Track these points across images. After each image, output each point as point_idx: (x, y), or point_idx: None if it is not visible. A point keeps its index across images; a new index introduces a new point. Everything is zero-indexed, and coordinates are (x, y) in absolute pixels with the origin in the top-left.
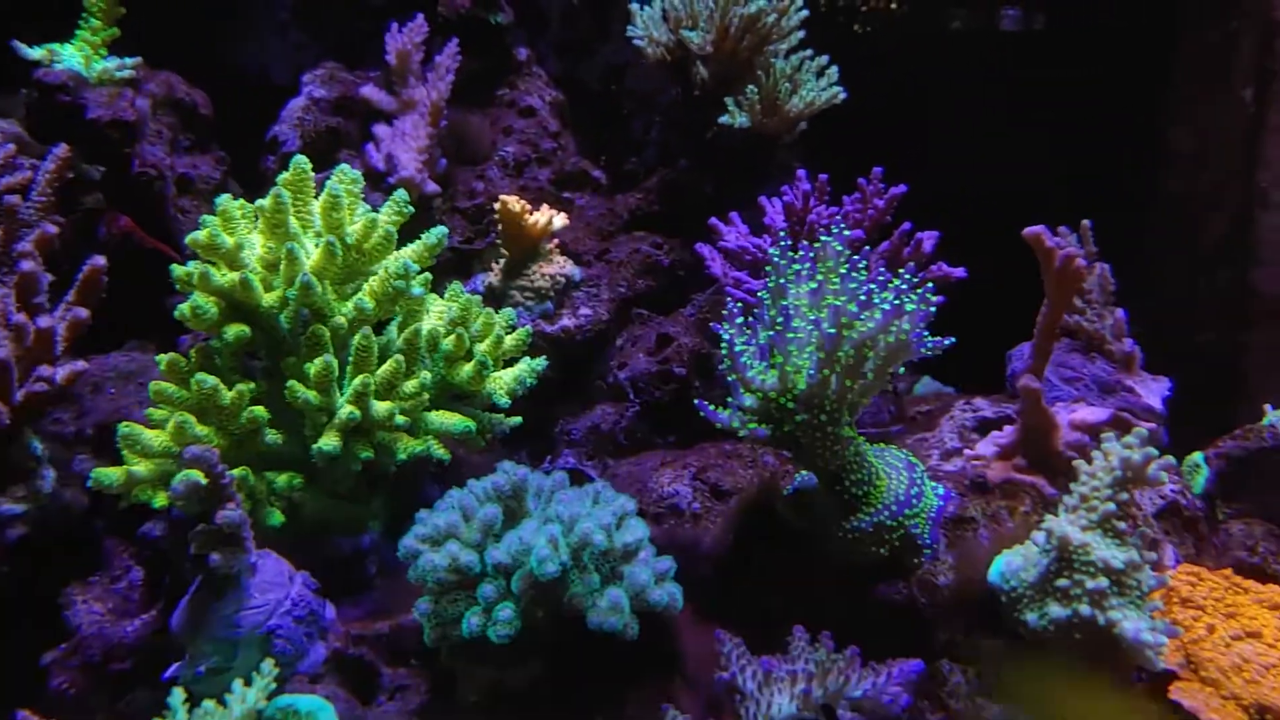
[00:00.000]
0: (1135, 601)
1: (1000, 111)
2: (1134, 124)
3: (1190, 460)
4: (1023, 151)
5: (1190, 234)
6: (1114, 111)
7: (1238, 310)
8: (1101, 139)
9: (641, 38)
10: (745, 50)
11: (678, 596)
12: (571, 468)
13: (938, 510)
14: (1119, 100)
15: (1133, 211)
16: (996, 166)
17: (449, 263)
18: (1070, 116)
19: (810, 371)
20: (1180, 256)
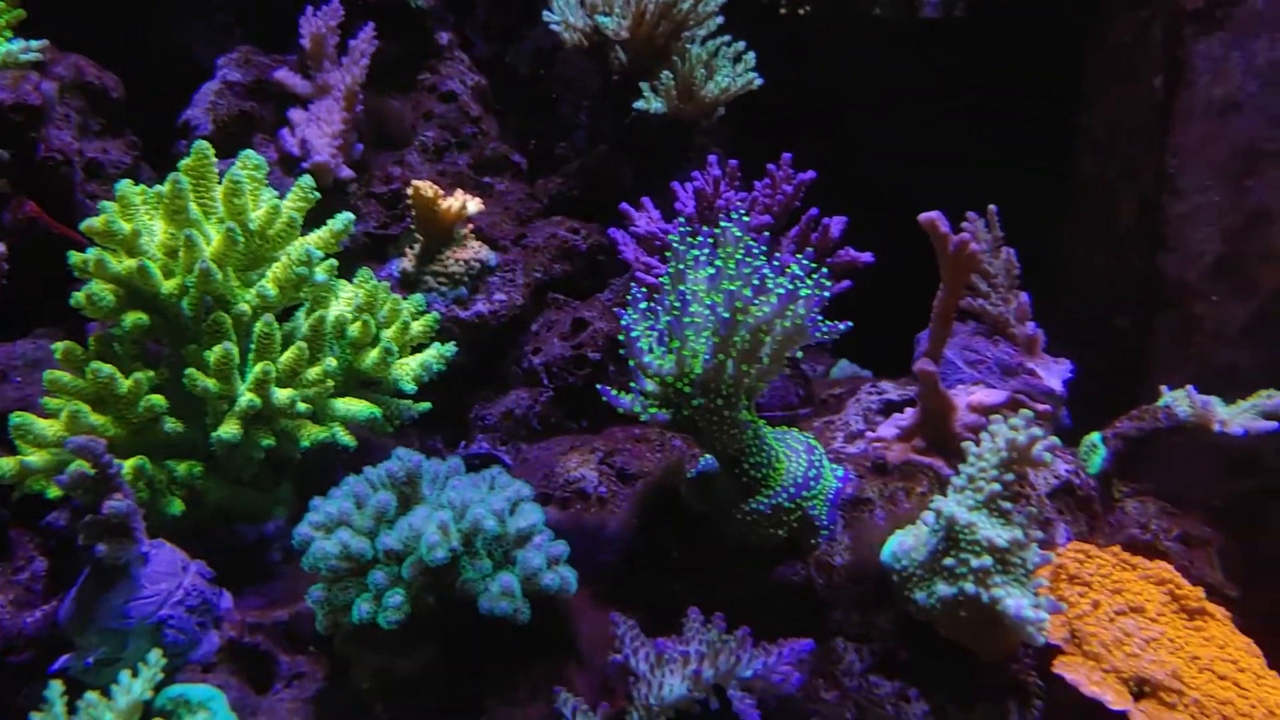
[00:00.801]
0: (1019, 579)
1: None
2: (1053, 110)
3: (1088, 441)
4: (944, 137)
5: (1103, 218)
6: (1033, 98)
7: (1147, 294)
8: (1021, 125)
9: (558, 23)
10: (661, 36)
11: (571, 580)
12: (484, 453)
13: (836, 492)
14: (1038, 86)
15: (1051, 196)
16: (917, 152)
17: (364, 248)
18: (990, 102)
19: (706, 356)
20: (1094, 240)
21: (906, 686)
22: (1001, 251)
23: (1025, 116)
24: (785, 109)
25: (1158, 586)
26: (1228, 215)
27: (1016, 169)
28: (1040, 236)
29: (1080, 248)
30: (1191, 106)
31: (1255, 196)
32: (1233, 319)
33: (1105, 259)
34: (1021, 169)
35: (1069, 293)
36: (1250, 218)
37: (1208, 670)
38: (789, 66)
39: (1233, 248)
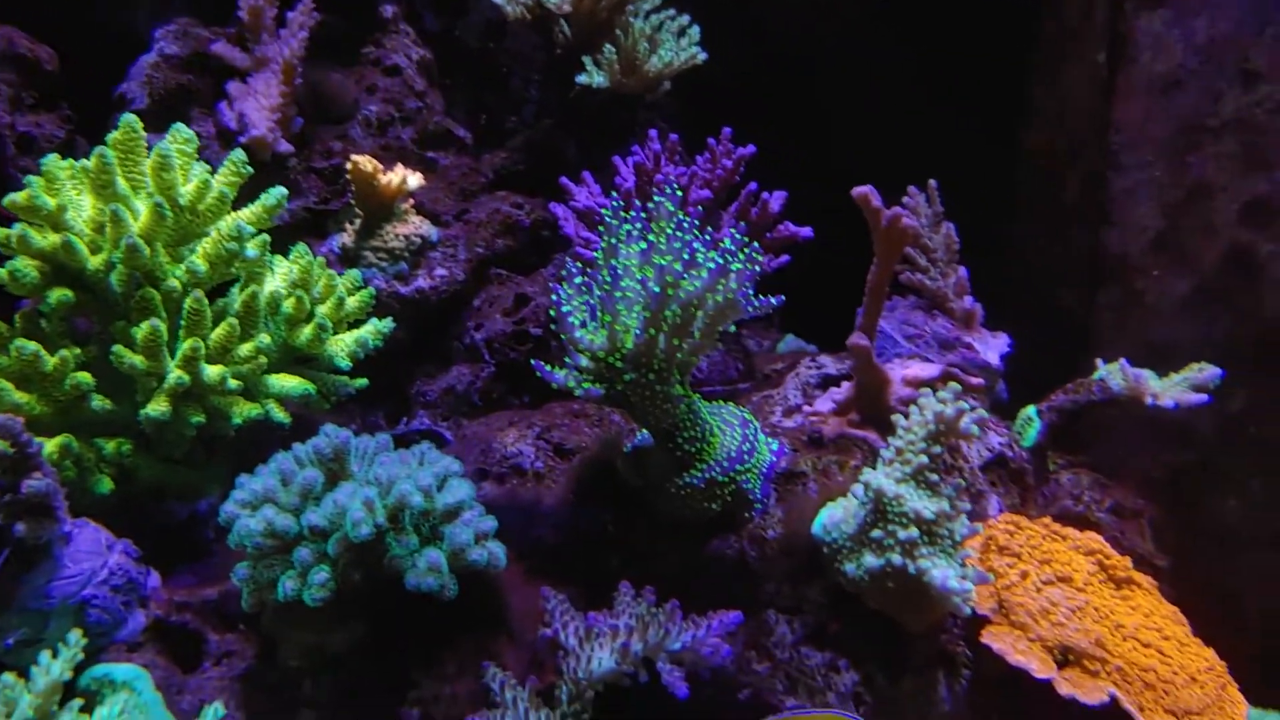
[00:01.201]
0: (947, 550)
1: (874, 74)
2: (1004, 86)
3: (1024, 414)
4: (896, 112)
5: (1049, 194)
6: (984, 74)
7: (1090, 269)
8: (972, 101)
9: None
10: (604, 10)
11: (500, 555)
12: (425, 429)
13: (769, 465)
14: (989, 62)
15: (1001, 171)
16: (869, 127)
17: (304, 223)
18: (941, 78)
19: (637, 331)
20: (1041, 215)
21: (837, 657)
22: (941, 226)
23: (976, 92)
24: (737, 83)
25: (1087, 557)
26: (1169, 191)
27: (967, 145)
28: (990, 212)
29: (1027, 223)
30: (1134, 83)
31: (1195, 172)
32: (1173, 293)
33: (1050, 234)
34: (972, 145)
35: (1016, 267)
36: (1190, 193)
37: (1132, 638)
38: (740, 41)
39: (1173, 223)
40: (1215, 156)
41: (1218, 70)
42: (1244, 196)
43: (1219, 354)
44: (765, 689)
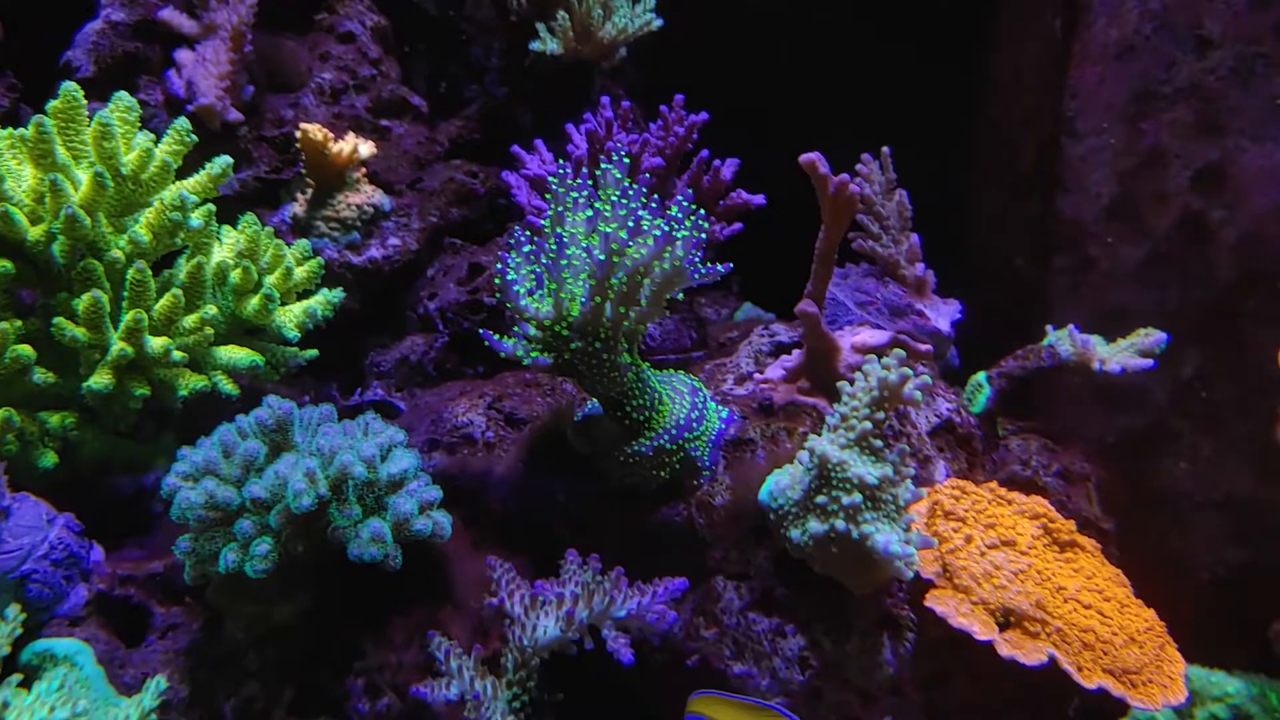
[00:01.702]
0: (890, 515)
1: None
2: (962, 51)
3: (974, 380)
4: (855, 78)
5: (1006, 160)
6: (942, 39)
7: (1045, 235)
8: (931, 66)
9: None
10: None
11: (445, 525)
12: (378, 399)
13: (718, 433)
14: (947, 26)
15: (962, 137)
16: (831, 91)
17: (256, 192)
18: (903, 41)
19: (583, 299)
20: (997, 181)
21: (784, 622)
22: (894, 193)
23: (935, 58)
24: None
25: (1032, 520)
26: (1123, 157)
27: (929, 110)
28: (951, 178)
29: (984, 189)
30: (1089, 49)
31: (1149, 139)
32: (1127, 259)
33: (1007, 200)
34: (934, 110)
35: (973, 233)
36: (1144, 160)
37: (1073, 600)
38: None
39: (1127, 189)
40: (1169, 123)
41: (1172, 37)
42: (1196, 163)
43: (1172, 319)
44: (712, 655)
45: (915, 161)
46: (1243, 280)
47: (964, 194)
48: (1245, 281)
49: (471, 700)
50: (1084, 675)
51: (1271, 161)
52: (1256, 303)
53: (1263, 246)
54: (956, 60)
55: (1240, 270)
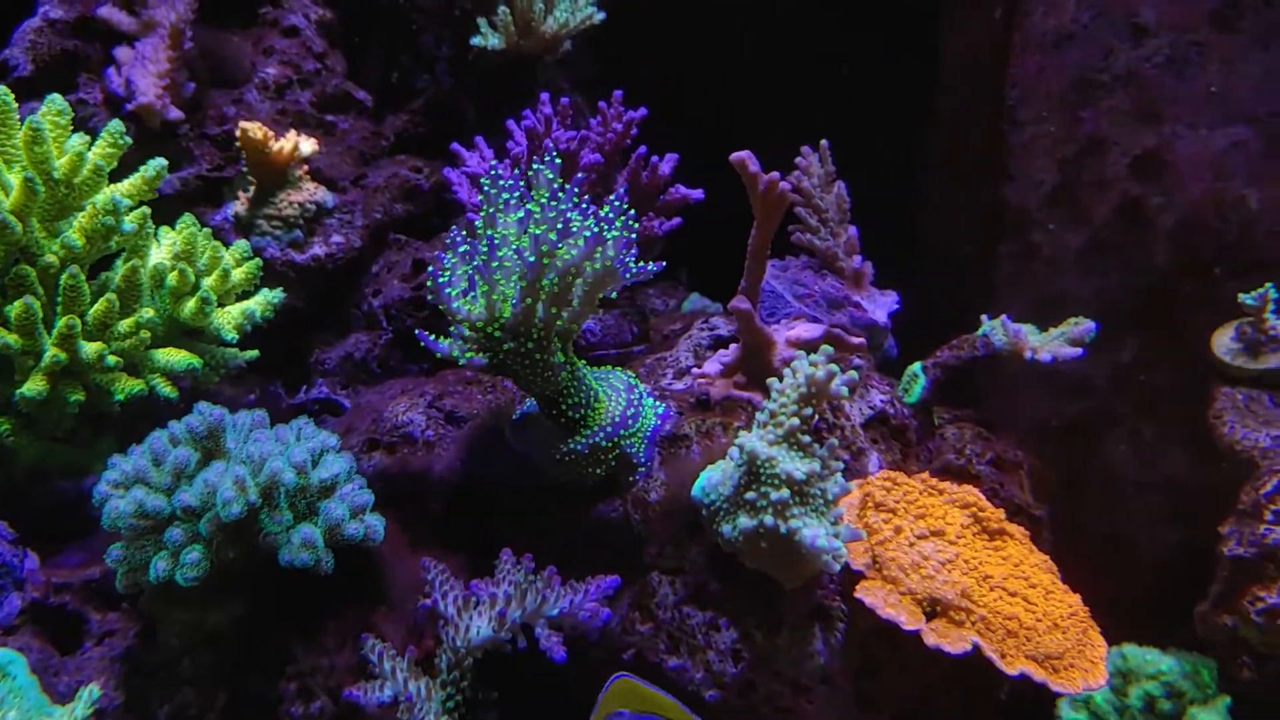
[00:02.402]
0: (819, 510)
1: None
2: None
3: (910, 370)
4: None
5: (954, 148)
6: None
7: (990, 222)
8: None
9: None
10: None
11: (378, 528)
12: (323, 398)
13: (654, 429)
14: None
15: (915, 124)
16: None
17: (198, 191)
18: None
19: (514, 300)
20: (946, 168)
21: (717, 616)
22: (834, 186)
23: (895, 46)
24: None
25: (962, 510)
26: (1063, 145)
27: (883, 98)
28: (903, 165)
29: (934, 176)
30: (1028, 37)
31: (1088, 126)
32: (1068, 246)
33: (954, 188)
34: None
35: (924, 221)
36: (1084, 147)
37: (999, 588)
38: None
39: (1068, 176)
40: (1107, 111)
41: (1108, 25)
42: (1134, 150)
43: (1112, 305)
44: (648, 649)
45: (876, 150)
46: (1180, 266)
47: (915, 181)
48: (1182, 267)
49: (405, 702)
50: (1007, 662)
51: (1207, 148)
52: (1193, 288)
53: (1199, 232)
54: (914, 48)
55: (1177, 256)
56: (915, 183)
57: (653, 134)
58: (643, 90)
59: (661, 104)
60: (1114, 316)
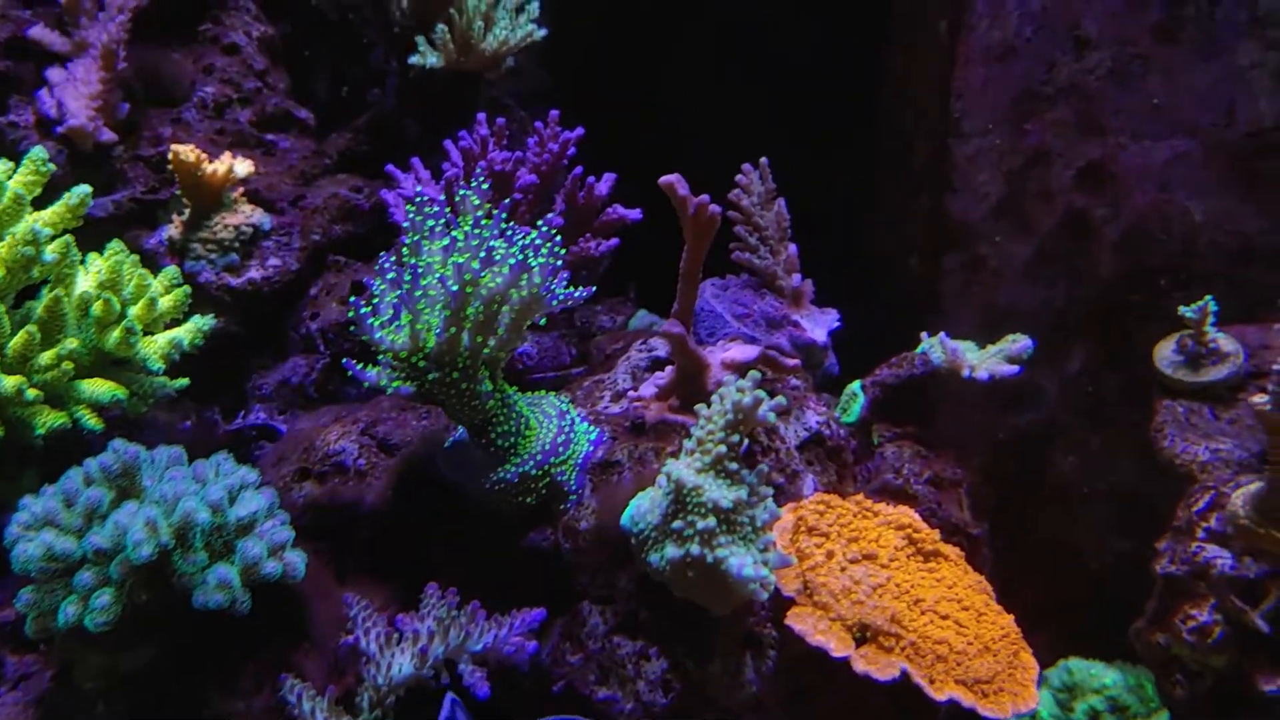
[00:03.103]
0: (747, 537)
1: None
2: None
3: (849, 389)
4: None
5: (901, 160)
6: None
7: (937, 234)
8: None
9: None
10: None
11: (298, 565)
12: (259, 424)
13: (585, 456)
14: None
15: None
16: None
17: (132, 214)
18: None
19: (438, 330)
20: (894, 181)
21: (647, 645)
22: (774, 204)
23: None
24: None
25: (897, 531)
26: (1008, 157)
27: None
28: (854, 178)
29: (883, 189)
30: (972, 50)
31: (1032, 139)
32: (1014, 258)
33: (902, 200)
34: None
35: (873, 233)
36: (1029, 159)
37: (930, 611)
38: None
39: (1013, 189)
40: (1051, 123)
41: (1051, 38)
42: (1079, 162)
43: (1059, 316)
44: (578, 680)
45: (829, 162)
46: (1126, 277)
47: (865, 193)
48: (1128, 278)
49: None
50: (935, 688)
51: (1150, 159)
52: (1140, 298)
53: (1144, 243)
54: (866, 60)
55: (1123, 267)
56: (866, 196)
57: (608, 147)
58: (600, 103)
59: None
60: (1061, 328)
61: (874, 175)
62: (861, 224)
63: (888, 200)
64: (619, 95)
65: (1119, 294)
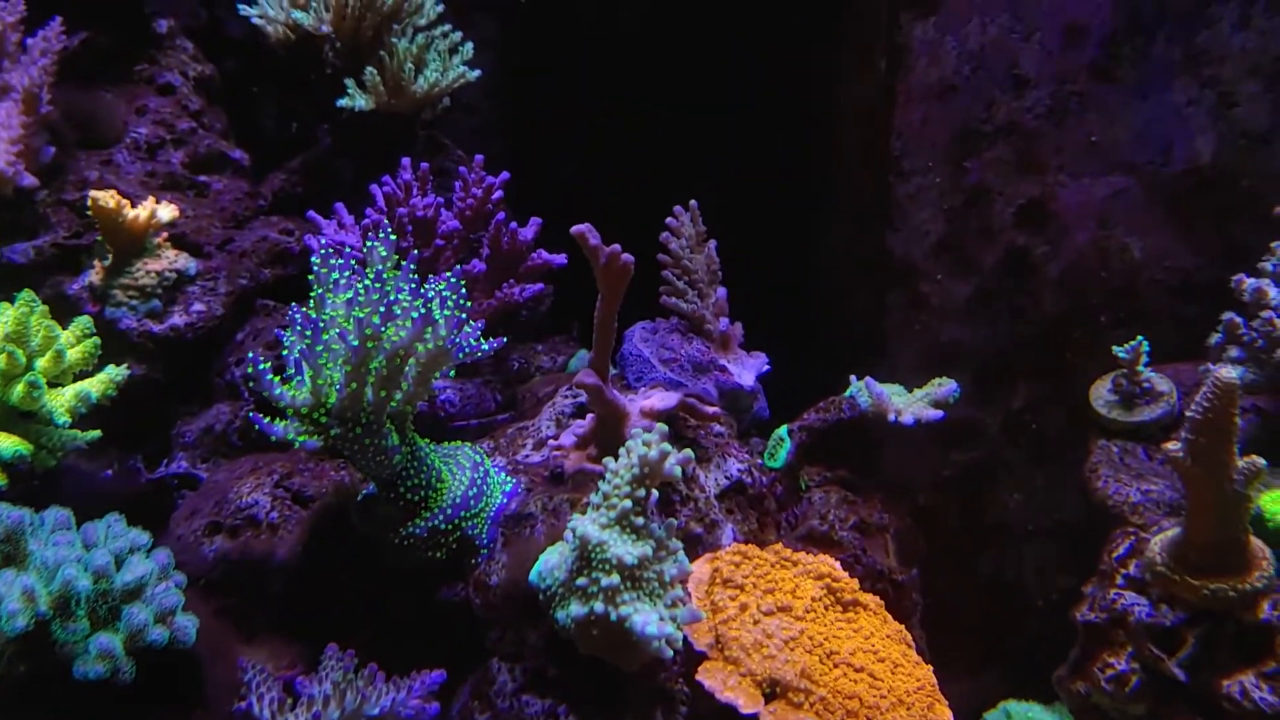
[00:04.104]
0: (654, 593)
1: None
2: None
3: (776, 434)
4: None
5: (846, 198)
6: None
7: (880, 272)
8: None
9: (258, 17)
10: (369, 29)
11: (189, 630)
12: (182, 472)
13: (498, 508)
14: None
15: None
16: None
17: (54, 259)
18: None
19: (339, 386)
20: (841, 219)
21: (556, 704)
22: (704, 247)
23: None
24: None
25: (816, 581)
26: (949, 195)
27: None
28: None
29: (830, 227)
30: (911, 89)
31: (973, 176)
32: (956, 296)
33: (850, 238)
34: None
35: (822, 271)
36: (969, 197)
37: (844, 664)
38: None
39: (954, 226)
40: (991, 161)
41: (990, 77)
42: (1019, 200)
43: (1001, 354)
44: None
45: (780, 200)
46: (1068, 314)
47: (813, 230)
48: (1070, 315)
49: None
50: None
51: (1090, 197)
52: (1081, 335)
53: (1085, 281)
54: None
55: (1065, 304)
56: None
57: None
58: (555, 137)
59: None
60: (1004, 365)
61: (825, 213)
62: (812, 262)
63: (835, 236)
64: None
65: (1060, 331)
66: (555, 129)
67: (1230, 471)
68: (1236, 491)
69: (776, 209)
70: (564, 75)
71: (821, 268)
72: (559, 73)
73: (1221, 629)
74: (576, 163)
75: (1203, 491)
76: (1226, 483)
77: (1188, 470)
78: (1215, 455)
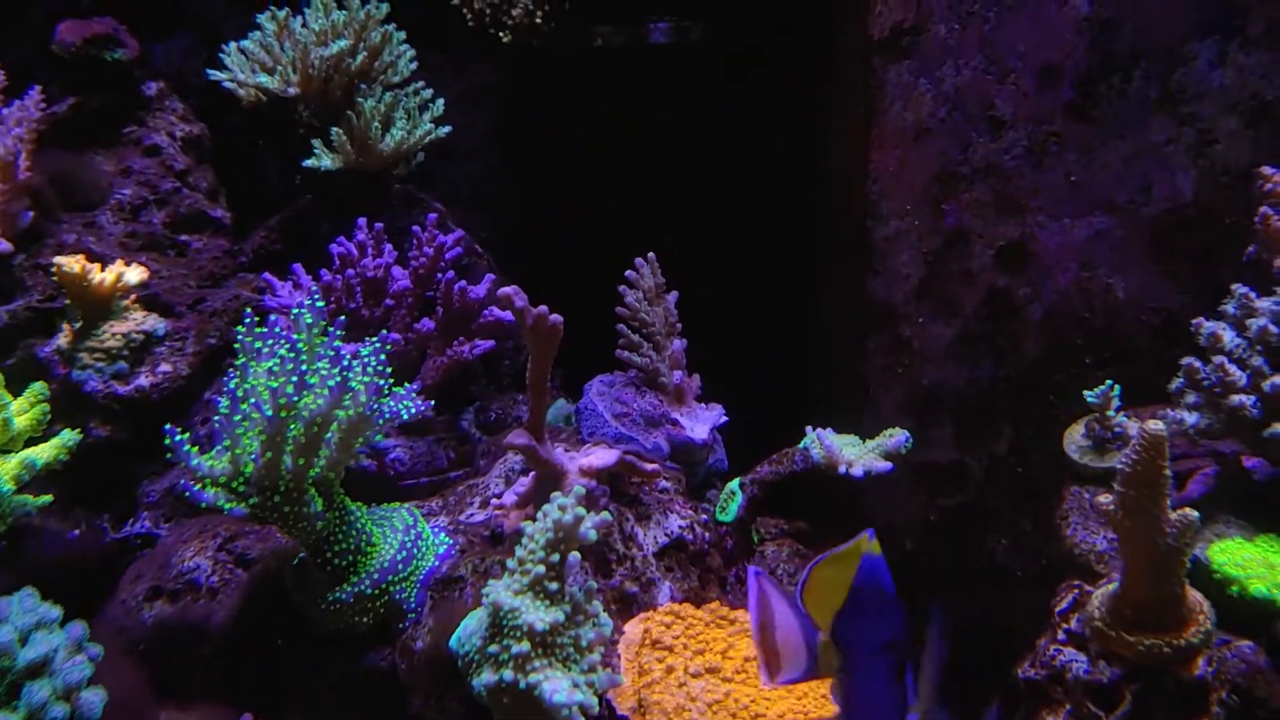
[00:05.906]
0: (569, 659)
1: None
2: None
3: (728, 488)
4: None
5: (838, 241)
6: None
7: (862, 316)
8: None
9: (228, 81)
10: (338, 89)
11: (95, 706)
12: (145, 533)
13: (429, 571)
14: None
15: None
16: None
17: (29, 322)
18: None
19: (255, 455)
20: (831, 263)
21: None
22: (662, 299)
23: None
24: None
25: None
26: (927, 238)
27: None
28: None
29: (822, 271)
30: (886, 133)
31: (951, 219)
32: (938, 339)
33: (838, 282)
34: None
35: (815, 317)
36: (948, 240)
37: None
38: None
39: (934, 269)
40: (969, 203)
41: (965, 118)
42: (998, 242)
43: (984, 397)
44: None
45: (779, 244)
46: (1051, 356)
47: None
48: (1053, 357)
49: None
50: None
51: (1069, 238)
52: (1064, 377)
53: (1067, 322)
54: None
55: (1048, 346)
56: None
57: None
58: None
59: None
60: (987, 408)
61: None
62: (808, 309)
63: (826, 280)
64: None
65: (1044, 373)
66: (556, 173)
67: (1163, 525)
68: (1170, 545)
69: (775, 253)
70: (563, 120)
71: (812, 314)
72: (558, 119)
73: (1159, 685)
74: (577, 205)
75: (1135, 545)
76: (1159, 537)
77: (1119, 524)
78: (1146, 509)
